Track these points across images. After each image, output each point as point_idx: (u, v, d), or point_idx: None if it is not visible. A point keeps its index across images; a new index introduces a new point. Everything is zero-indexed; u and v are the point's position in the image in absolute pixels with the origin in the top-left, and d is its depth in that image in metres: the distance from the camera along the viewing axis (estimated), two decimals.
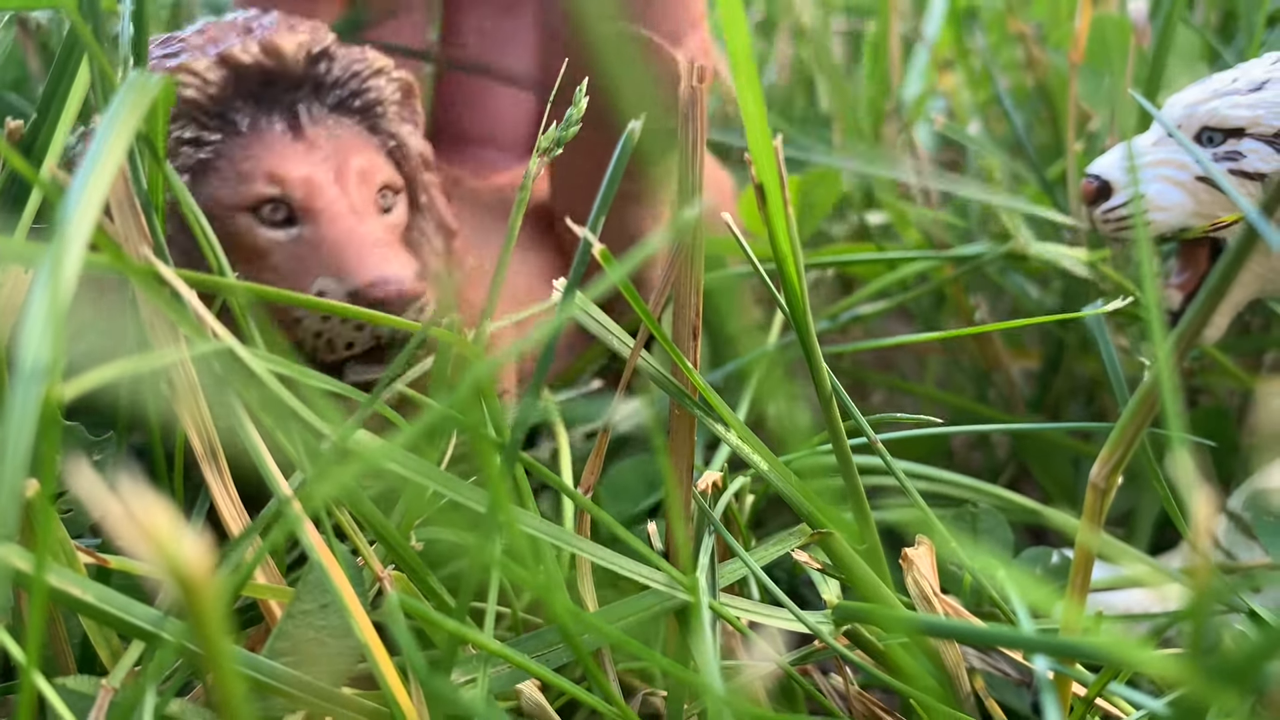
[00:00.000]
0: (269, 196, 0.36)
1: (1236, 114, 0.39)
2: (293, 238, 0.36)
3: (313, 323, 0.36)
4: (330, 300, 0.35)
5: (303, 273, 0.35)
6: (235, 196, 0.36)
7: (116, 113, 0.27)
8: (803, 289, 0.31)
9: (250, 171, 0.36)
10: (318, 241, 0.36)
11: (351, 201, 0.36)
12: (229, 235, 0.36)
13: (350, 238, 0.36)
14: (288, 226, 0.36)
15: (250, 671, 0.27)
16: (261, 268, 0.36)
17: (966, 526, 0.38)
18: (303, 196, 0.36)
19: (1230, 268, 0.26)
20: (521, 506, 0.33)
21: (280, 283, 0.35)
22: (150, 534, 0.15)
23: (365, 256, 0.35)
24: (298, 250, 0.36)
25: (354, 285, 0.35)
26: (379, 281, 0.35)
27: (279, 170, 0.36)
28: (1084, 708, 0.31)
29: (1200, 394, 0.55)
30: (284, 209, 0.36)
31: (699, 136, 0.32)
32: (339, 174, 0.37)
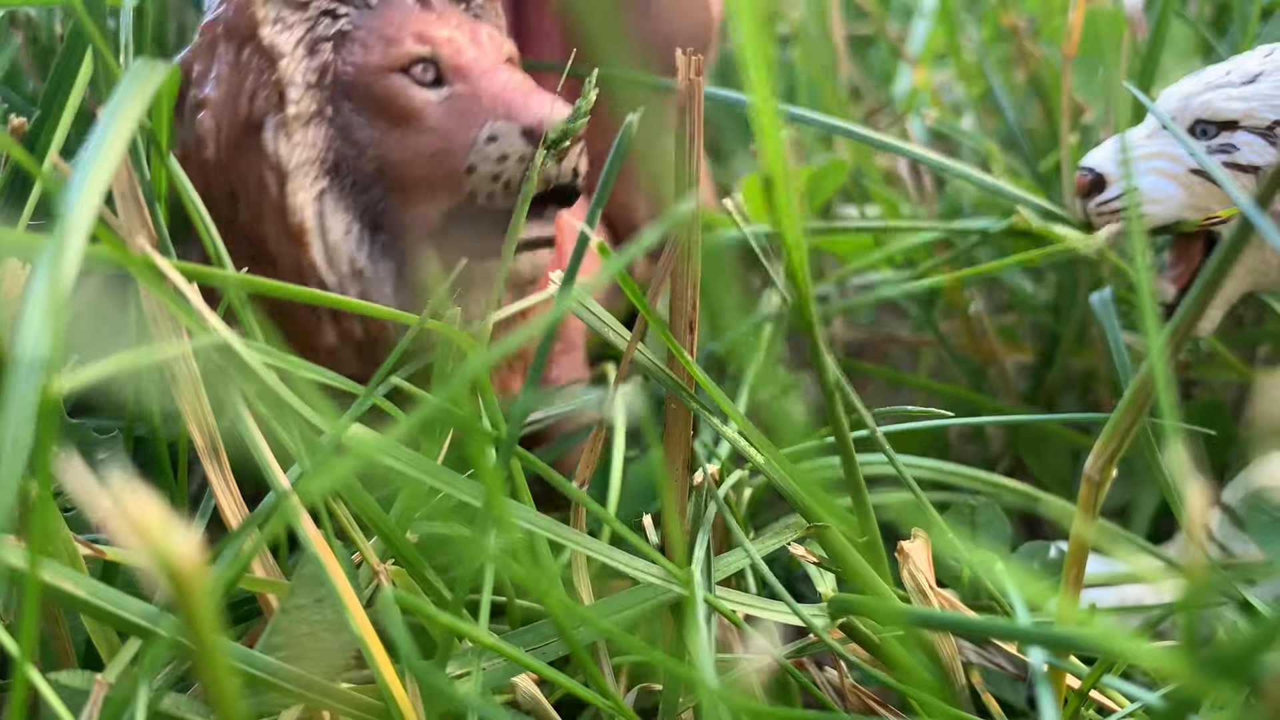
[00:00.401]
0: (419, 56, 0.37)
1: (1230, 106, 0.39)
2: (445, 96, 0.37)
3: (488, 166, 0.36)
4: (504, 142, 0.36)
5: (467, 126, 0.36)
6: (385, 58, 0.36)
7: (119, 103, 0.27)
8: (808, 281, 0.31)
9: (397, 35, 0.37)
10: (476, 94, 0.36)
11: (494, 56, 0.38)
12: (380, 100, 0.36)
13: (509, 85, 0.37)
14: (438, 86, 0.37)
15: (245, 666, 0.27)
16: (417, 129, 0.36)
17: (964, 520, 0.38)
18: (450, 54, 0.37)
19: (1224, 261, 0.26)
20: (517, 500, 0.32)
21: (439, 141, 0.36)
22: (141, 528, 0.15)
23: (529, 98, 0.36)
24: (456, 105, 0.37)
25: (528, 122, 0.36)
26: (551, 114, 0.36)
27: (425, 30, 0.37)
28: (1079, 700, 0.31)
29: (1195, 387, 0.55)
30: (433, 69, 0.37)
31: (696, 129, 0.32)
32: (473, 38, 0.38)
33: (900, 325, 0.65)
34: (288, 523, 0.28)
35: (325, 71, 0.36)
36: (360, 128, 0.37)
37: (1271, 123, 0.39)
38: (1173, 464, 0.23)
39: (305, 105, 0.36)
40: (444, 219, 0.37)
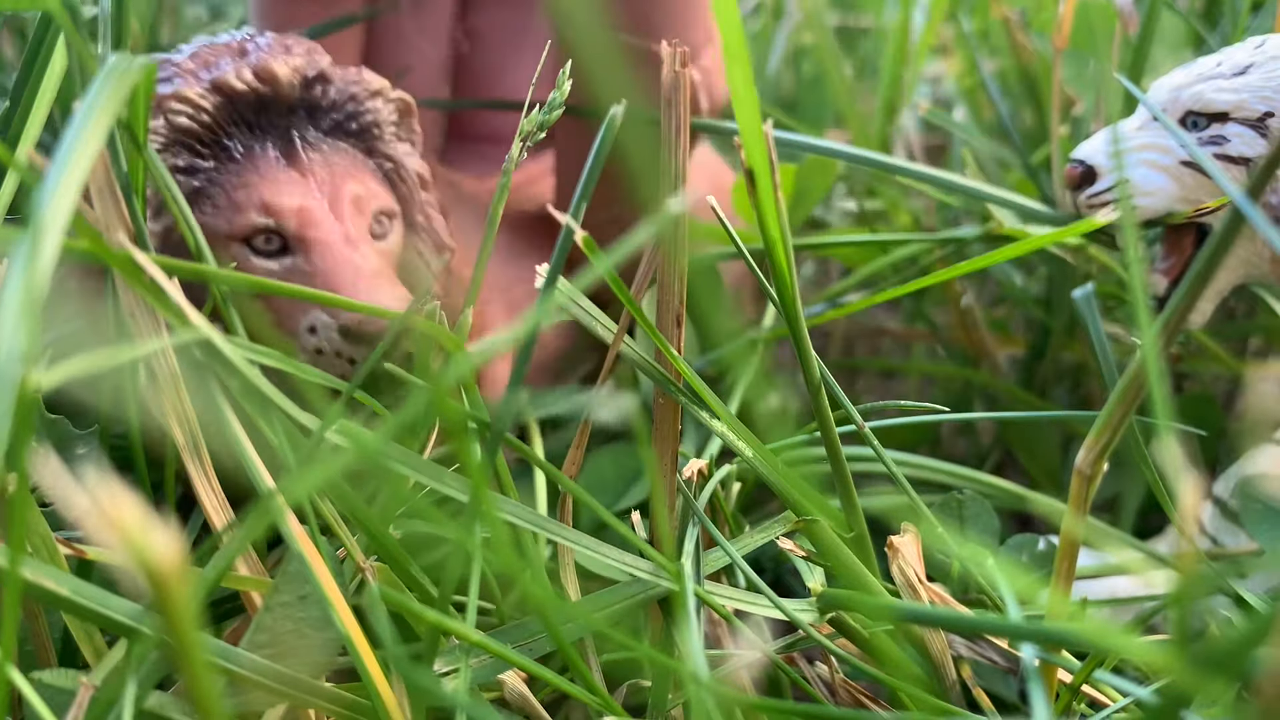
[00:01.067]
0: (262, 227, 0.35)
1: (1221, 98, 0.39)
2: (286, 268, 0.36)
3: (307, 356, 0.36)
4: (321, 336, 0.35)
5: (296, 306, 0.35)
6: (229, 226, 0.36)
7: (96, 98, 0.27)
8: (792, 276, 0.31)
9: (244, 201, 0.36)
10: (311, 272, 0.35)
11: (346, 230, 0.36)
12: (222, 264, 0.35)
13: (342, 269, 0.35)
14: (281, 256, 0.36)
15: (228, 664, 0.27)
16: (258, 296, 0.36)
17: (952, 514, 0.38)
18: (296, 227, 0.36)
19: (1216, 252, 0.25)
20: (504, 496, 0.32)
21: (273, 314, 0.36)
22: (118, 526, 0.15)
23: (359, 283, 0.35)
24: (290, 280, 0.35)
25: (345, 321, 0.35)
26: (368, 318, 0.35)
27: (273, 200, 0.36)
28: (1070, 695, 0.31)
29: (1186, 379, 0.55)
30: (277, 239, 0.36)
31: (681, 124, 0.31)
32: (333, 202, 0.36)
33: (892, 318, 0.65)
34: (272, 520, 0.28)
35: (169, 233, 0.36)
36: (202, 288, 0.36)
37: (1262, 114, 0.38)
38: (1165, 458, 0.23)
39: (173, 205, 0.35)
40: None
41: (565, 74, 0.35)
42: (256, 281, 0.32)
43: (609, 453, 0.46)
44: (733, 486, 0.41)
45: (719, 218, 0.34)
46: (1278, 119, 0.38)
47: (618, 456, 0.46)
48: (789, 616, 0.32)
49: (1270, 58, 0.39)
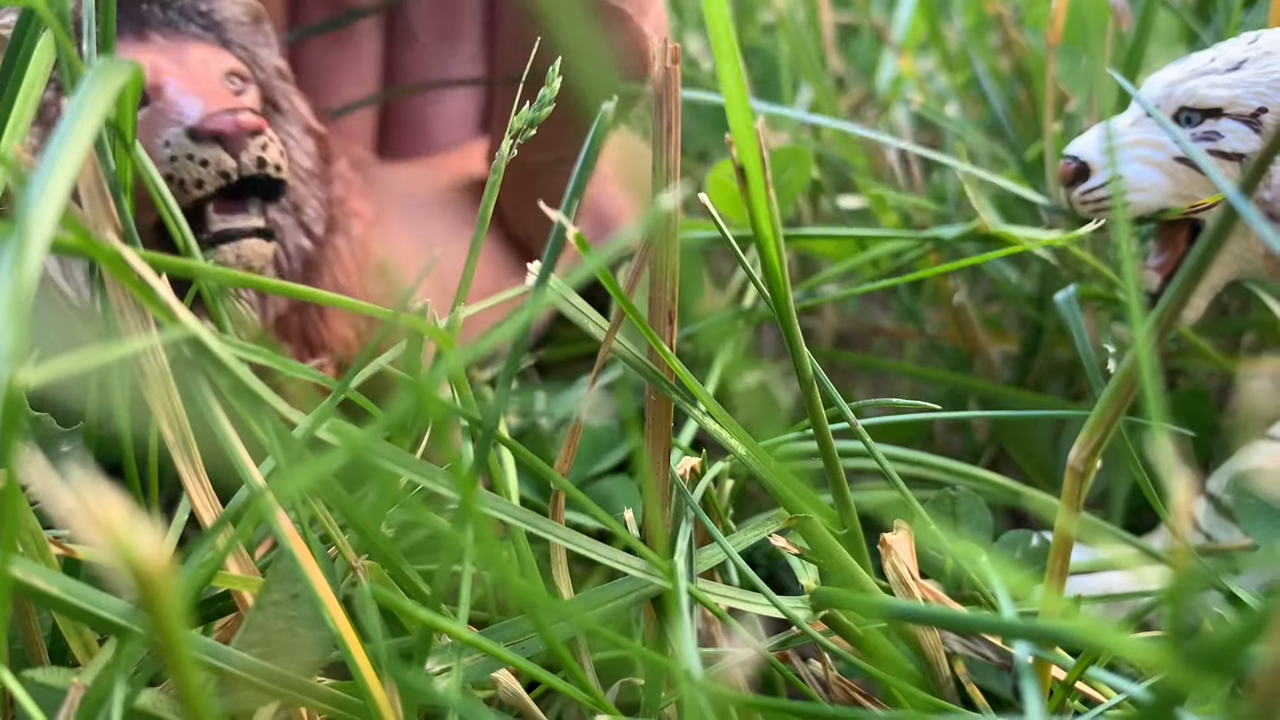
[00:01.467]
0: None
1: (1214, 94, 0.39)
2: (146, 115, 0.38)
3: (162, 167, 0.37)
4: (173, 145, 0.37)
5: (152, 136, 0.38)
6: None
7: (85, 97, 0.27)
8: (784, 274, 0.31)
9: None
10: (163, 107, 0.38)
11: (194, 77, 0.39)
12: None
13: (191, 93, 0.38)
14: (142, 107, 0.38)
15: (219, 663, 0.27)
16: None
17: (946, 510, 0.38)
18: (149, 76, 0.38)
19: (1209, 249, 0.25)
20: (495, 493, 0.32)
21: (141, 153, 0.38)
22: (104, 525, 0.15)
23: (203, 100, 0.38)
24: (149, 121, 0.38)
25: (190, 122, 0.37)
26: (214, 112, 0.37)
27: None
28: (1064, 692, 0.31)
29: (1179, 376, 0.55)
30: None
31: (674, 119, 0.31)
32: (180, 61, 0.39)
33: (885, 316, 0.65)
34: (262, 518, 0.28)
35: (46, 109, 0.38)
36: None
37: (1256, 110, 0.38)
38: (1158, 454, 0.22)
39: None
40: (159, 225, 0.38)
41: (555, 71, 0.35)
42: (246, 279, 0.31)
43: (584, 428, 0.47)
44: (725, 484, 0.41)
45: (714, 217, 0.34)
46: (1271, 114, 0.38)
47: (592, 431, 0.47)
48: (784, 613, 0.32)
49: (1264, 53, 0.39)
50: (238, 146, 0.38)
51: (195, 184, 0.38)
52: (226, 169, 0.38)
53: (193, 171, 0.37)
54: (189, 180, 0.38)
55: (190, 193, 0.38)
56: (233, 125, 0.37)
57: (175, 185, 0.37)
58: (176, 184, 0.37)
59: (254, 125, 0.38)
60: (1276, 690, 0.16)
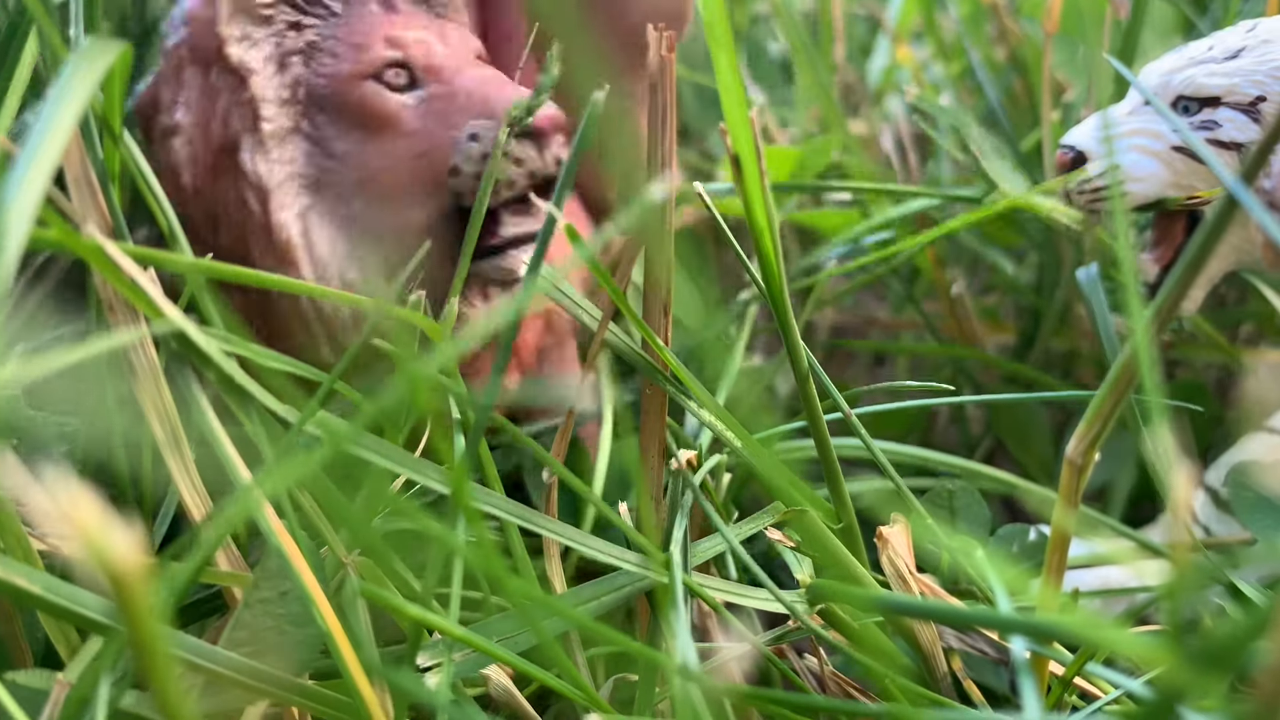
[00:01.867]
0: (391, 60, 0.36)
1: (1213, 82, 0.39)
2: (421, 99, 0.36)
3: (471, 166, 0.35)
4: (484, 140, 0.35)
5: (446, 126, 0.35)
6: (357, 66, 0.36)
7: (69, 81, 0.26)
8: (779, 265, 0.31)
9: (366, 40, 0.36)
10: (452, 93, 0.36)
11: (463, 54, 0.37)
12: (354, 109, 0.36)
13: (485, 81, 0.36)
14: (412, 89, 0.36)
15: (206, 663, 0.26)
16: (396, 134, 0.36)
17: (943, 504, 0.38)
18: (422, 55, 0.36)
19: (1209, 239, 0.25)
20: (487, 488, 0.32)
21: (420, 144, 0.35)
22: (77, 525, 0.15)
23: (506, 91, 0.35)
24: (433, 106, 0.36)
25: (510, 116, 0.35)
26: (534, 106, 0.35)
27: (397, 34, 0.36)
28: (1062, 687, 0.31)
29: (1177, 367, 0.55)
30: (405, 72, 0.36)
31: (669, 107, 0.31)
32: (442, 37, 0.37)
33: (882, 308, 0.65)
34: (251, 515, 0.27)
35: (298, 85, 0.36)
36: (337, 139, 0.36)
37: (1254, 99, 0.38)
38: (1157, 446, 0.22)
39: (280, 121, 0.36)
40: (430, 223, 0.36)
41: (554, 56, 0.35)
42: (236, 271, 0.31)
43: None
44: (723, 477, 0.41)
45: (709, 209, 0.33)
46: (1270, 103, 0.38)
47: None
48: (785, 606, 0.32)
49: (1262, 41, 0.39)
50: (545, 144, 0.35)
51: (507, 185, 0.35)
52: (535, 169, 0.35)
53: (507, 171, 0.35)
54: (501, 181, 0.35)
55: (500, 195, 0.35)
56: (550, 122, 0.35)
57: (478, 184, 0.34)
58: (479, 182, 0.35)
59: (563, 122, 0.36)
60: (1277, 690, 0.16)
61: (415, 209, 0.36)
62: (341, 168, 0.36)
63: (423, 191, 0.35)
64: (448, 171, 0.35)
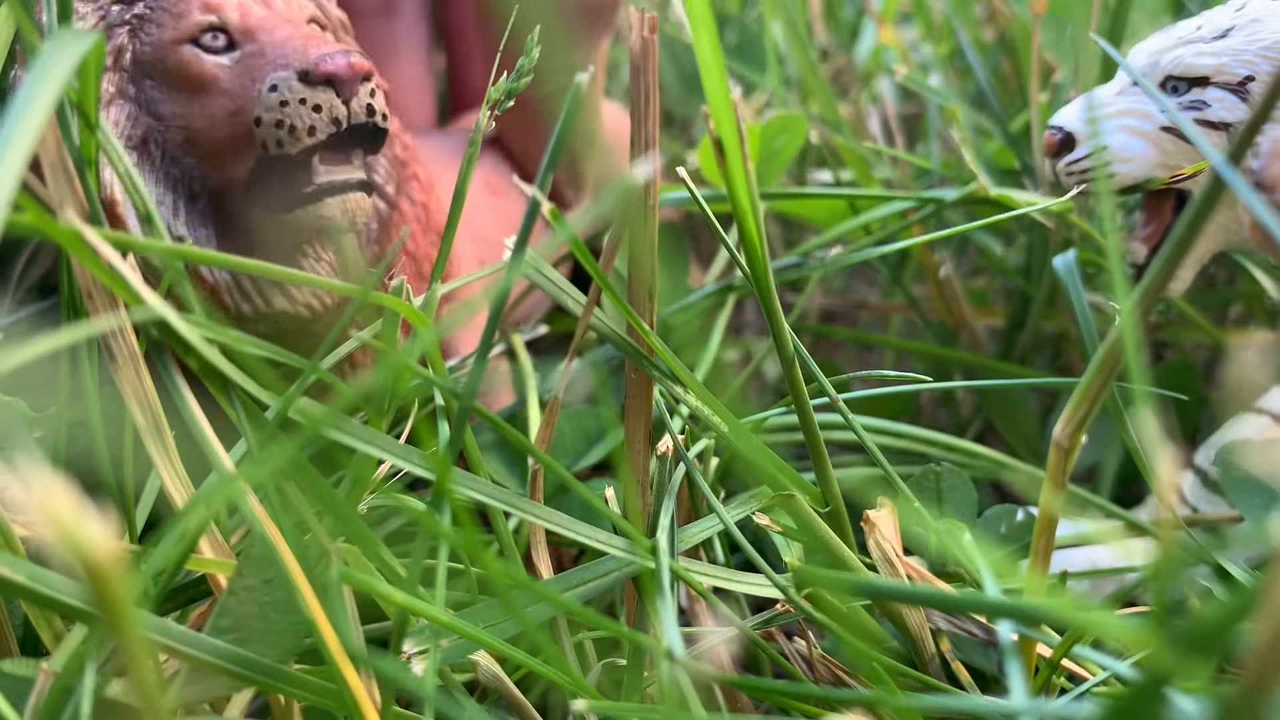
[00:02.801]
0: (206, 25, 0.37)
1: (1201, 62, 0.38)
2: (236, 59, 0.37)
3: (271, 114, 0.36)
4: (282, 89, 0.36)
5: (253, 81, 0.36)
6: (175, 32, 0.37)
7: (42, 68, 0.26)
8: (763, 247, 0.30)
9: (185, 8, 0.37)
10: (260, 50, 0.37)
11: (284, 15, 0.38)
12: (175, 72, 0.37)
13: (291, 36, 0.37)
14: (229, 51, 0.37)
15: (190, 650, 0.26)
16: (214, 94, 0.37)
17: (930, 486, 0.38)
18: (238, 19, 0.37)
19: (1196, 219, 0.25)
20: (472, 473, 0.32)
21: (233, 102, 0.36)
22: (51, 513, 0.14)
23: (309, 43, 0.37)
24: (244, 65, 0.37)
25: (303, 65, 0.36)
26: (326, 56, 0.36)
27: (212, 0, 0.37)
28: (1049, 669, 0.31)
29: (1166, 348, 0.55)
30: (223, 36, 0.37)
31: (651, 89, 0.31)
32: (268, 2, 0.38)
33: (871, 292, 0.64)
34: (233, 501, 0.27)
35: (120, 54, 0.37)
36: (163, 102, 0.37)
37: (1243, 78, 0.38)
38: (1143, 428, 0.22)
39: (102, 88, 0.36)
40: (250, 176, 0.37)
41: (533, 40, 0.34)
42: (218, 257, 0.31)
43: (567, 414, 0.46)
44: (710, 461, 0.41)
45: (691, 191, 0.33)
46: (1259, 83, 0.38)
47: (575, 418, 0.46)
48: (778, 586, 0.32)
49: (1251, 20, 0.38)
50: (349, 91, 0.36)
51: (307, 131, 0.36)
52: (338, 115, 0.36)
53: (305, 118, 0.36)
54: (300, 127, 0.36)
55: (300, 140, 0.36)
56: (347, 68, 0.36)
57: (285, 132, 0.36)
58: (286, 130, 0.36)
59: (366, 68, 0.36)
60: (1267, 669, 0.16)
61: (237, 164, 0.37)
62: (168, 129, 0.37)
63: (240, 146, 0.37)
64: (253, 123, 0.36)
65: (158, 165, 0.37)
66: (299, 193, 0.37)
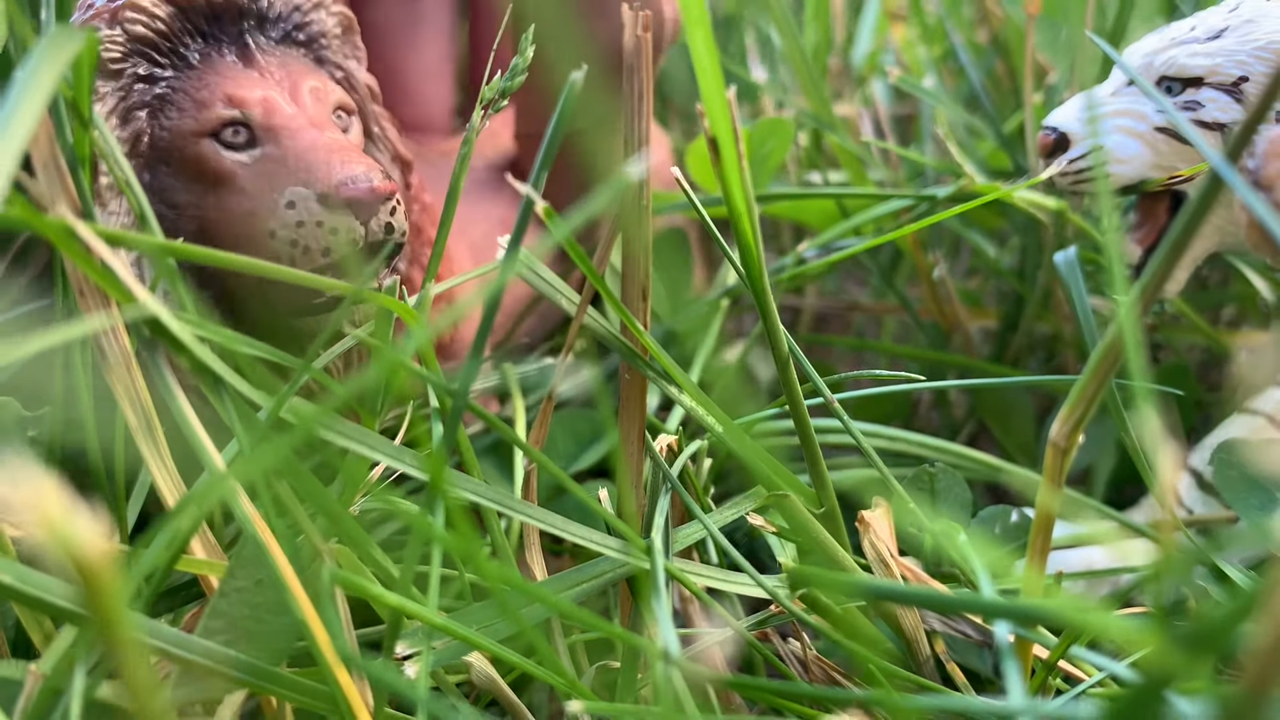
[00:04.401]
0: (229, 119, 0.36)
1: (1195, 63, 0.38)
2: (256, 158, 0.36)
3: (287, 232, 0.35)
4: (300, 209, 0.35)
5: (270, 188, 0.35)
6: (196, 124, 0.36)
7: (37, 65, 0.26)
8: (758, 248, 0.30)
9: (208, 98, 0.36)
10: (282, 156, 0.36)
11: (310, 116, 0.37)
12: (193, 164, 0.36)
13: (314, 146, 0.36)
14: (250, 148, 0.36)
15: (182, 652, 0.26)
16: (230, 191, 0.36)
17: (924, 487, 0.38)
18: (261, 114, 0.36)
19: (1193, 219, 0.25)
20: (466, 474, 0.31)
21: (249, 203, 0.35)
22: (42, 512, 0.14)
23: (331, 160, 0.35)
24: (263, 168, 0.36)
25: (323, 188, 0.35)
26: (348, 180, 0.35)
27: (236, 92, 0.36)
28: (1046, 671, 0.31)
29: (1160, 350, 0.55)
30: (245, 131, 0.36)
31: (645, 88, 0.31)
32: (293, 94, 0.37)
33: (864, 293, 0.64)
34: (225, 501, 0.27)
35: (139, 139, 0.36)
36: (178, 190, 0.36)
37: (1237, 79, 0.38)
38: (1142, 429, 0.22)
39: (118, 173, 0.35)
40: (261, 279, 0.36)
41: (528, 39, 0.34)
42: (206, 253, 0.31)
43: (559, 418, 0.46)
44: (704, 461, 0.40)
45: (684, 189, 0.33)
46: (1253, 83, 0.38)
47: (567, 421, 0.46)
48: (767, 591, 0.32)
49: (1245, 21, 0.38)
50: (369, 213, 0.35)
51: (322, 252, 0.35)
52: (356, 237, 0.35)
53: (321, 240, 0.35)
54: (315, 249, 0.35)
55: (314, 261, 0.35)
56: (369, 193, 0.35)
57: (299, 251, 0.35)
58: (300, 250, 0.35)
59: (388, 190, 0.35)
60: (1268, 670, 0.16)
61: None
62: (181, 218, 0.36)
63: (251, 248, 0.36)
64: (268, 234, 0.35)
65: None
66: (309, 304, 0.36)
